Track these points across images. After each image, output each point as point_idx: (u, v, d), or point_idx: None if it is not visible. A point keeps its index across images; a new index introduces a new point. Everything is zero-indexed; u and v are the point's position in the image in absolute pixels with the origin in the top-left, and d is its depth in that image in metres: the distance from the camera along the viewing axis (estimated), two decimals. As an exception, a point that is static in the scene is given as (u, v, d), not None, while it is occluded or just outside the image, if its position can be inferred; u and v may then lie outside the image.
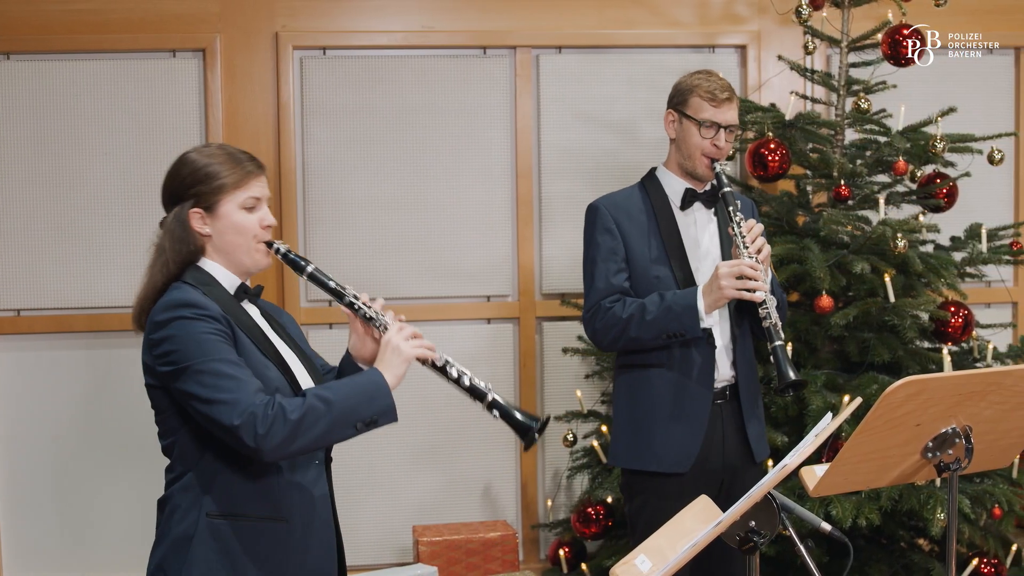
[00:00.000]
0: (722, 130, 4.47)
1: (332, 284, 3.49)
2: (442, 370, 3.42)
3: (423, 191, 6.27)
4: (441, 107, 6.28)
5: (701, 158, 4.48)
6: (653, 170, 4.67)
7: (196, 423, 3.25)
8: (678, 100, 4.55)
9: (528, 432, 3.37)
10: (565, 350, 6.18)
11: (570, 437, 6.01)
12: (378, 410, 3.28)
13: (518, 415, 3.38)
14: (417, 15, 6.28)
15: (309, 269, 3.48)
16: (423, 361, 3.43)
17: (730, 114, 4.49)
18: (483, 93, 6.31)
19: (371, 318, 3.49)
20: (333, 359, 3.74)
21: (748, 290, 4.26)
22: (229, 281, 3.41)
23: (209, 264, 3.40)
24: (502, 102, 6.33)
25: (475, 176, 6.32)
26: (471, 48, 6.32)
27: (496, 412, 3.39)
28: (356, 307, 3.50)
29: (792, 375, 4.23)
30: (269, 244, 3.43)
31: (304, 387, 3.39)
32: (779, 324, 4.30)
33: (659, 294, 4.40)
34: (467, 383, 3.40)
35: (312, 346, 3.78)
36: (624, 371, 4.59)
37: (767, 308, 4.28)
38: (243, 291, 3.43)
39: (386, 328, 3.45)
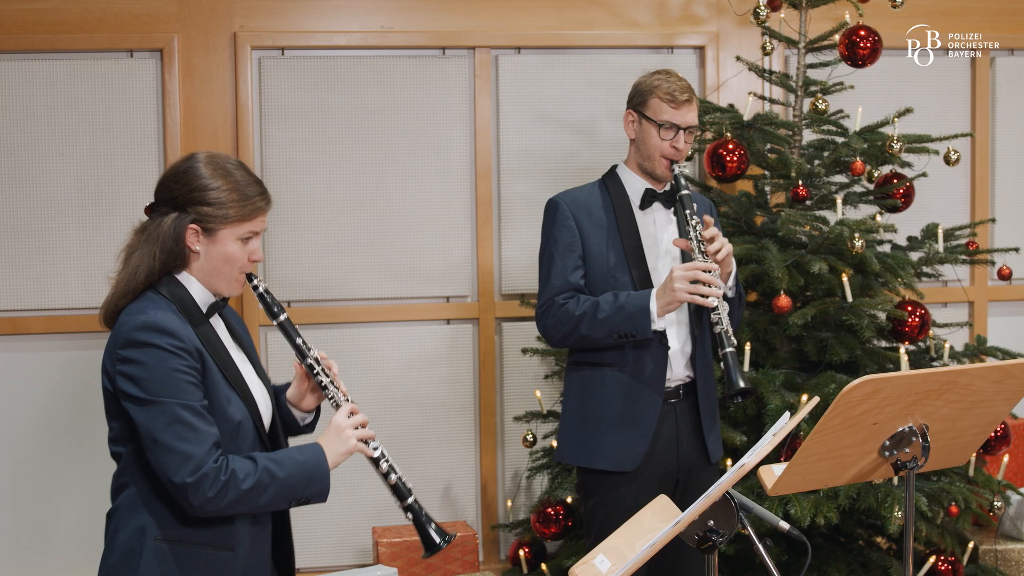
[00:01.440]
0: (681, 131, 4.47)
1: (298, 341, 3.50)
2: (375, 462, 3.45)
3: (382, 192, 6.26)
4: (400, 107, 6.27)
5: (660, 159, 4.49)
6: (614, 168, 4.67)
7: (144, 448, 3.24)
8: (637, 101, 4.55)
9: (432, 547, 3.45)
10: (524, 350, 6.18)
11: (529, 438, 6.01)
12: (315, 491, 3.34)
13: (429, 528, 3.45)
14: (375, 15, 6.27)
15: (281, 318, 3.49)
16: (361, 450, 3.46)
17: (689, 115, 4.50)
18: (442, 93, 6.30)
19: (325, 387, 3.50)
20: (284, 365, 3.72)
21: (701, 295, 4.28)
22: (203, 298, 3.39)
23: (187, 278, 3.38)
24: (461, 102, 6.33)
25: (434, 177, 6.31)
26: (430, 48, 6.32)
27: (409, 516, 3.45)
28: (315, 371, 3.51)
29: (741, 383, 4.25)
30: (249, 277, 3.43)
31: (262, 410, 3.42)
32: (730, 331, 4.31)
33: (613, 293, 4.40)
34: (392, 480, 3.44)
35: (268, 353, 3.77)
36: (576, 368, 4.60)
37: (719, 314, 4.29)
38: (213, 308, 3.42)
39: (337, 406, 3.48)
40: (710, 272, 4.28)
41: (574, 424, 4.58)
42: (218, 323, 3.46)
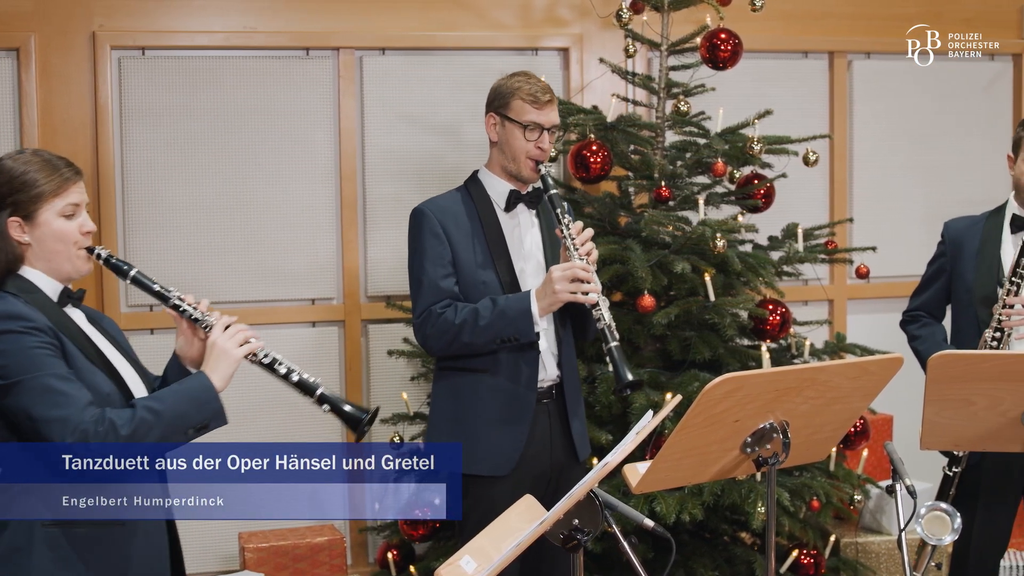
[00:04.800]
0: (545, 132, 4.49)
1: (156, 287, 3.49)
2: (270, 367, 3.45)
3: (246, 193, 6.20)
4: (264, 109, 6.21)
5: (526, 161, 4.50)
6: (476, 173, 4.67)
7: (23, 432, 3.21)
8: (499, 103, 4.55)
9: (358, 423, 3.45)
10: (391, 352, 6.16)
11: (397, 439, 5.99)
12: (208, 415, 3.32)
13: (347, 407, 3.46)
14: (239, 15, 6.20)
15: (132, 273, 3.48)
16: (251, 358, 3.44)
17: (552, 115, 4.52)
18: (306, 95, 6.26)
19: (197, 319, 3.49)
20: (154, 365, 3.69)
21: (582, 292, 4.30)
22: (51, 288, 3.38)
23: (30, 272, 3.36)
24: (325, 104, 6.29)
25: (299, 178, 6.26)
26: (294, 49, 6.27)
27: (326, 406, 3.45)
28: (182, 309, 3.50)
29: (630, 375, 4.27)
30: (90, 250, 3.41)
31: (134, 391, 3.39)
32: (613, 325, 4.33)
33: (491, 299, 4.40)
34: (295, 379, 3.45)
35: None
36: (446, 374, 4.58)
37: (600, 310, 4.32)
38: (67, 296, 3.40)
39: (211, 329, 3.45)
40: (587, 271, 4.31)
41: (446, 429, 4.56)
42: (76, 313, 3.44)
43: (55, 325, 3.27)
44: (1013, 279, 4.77)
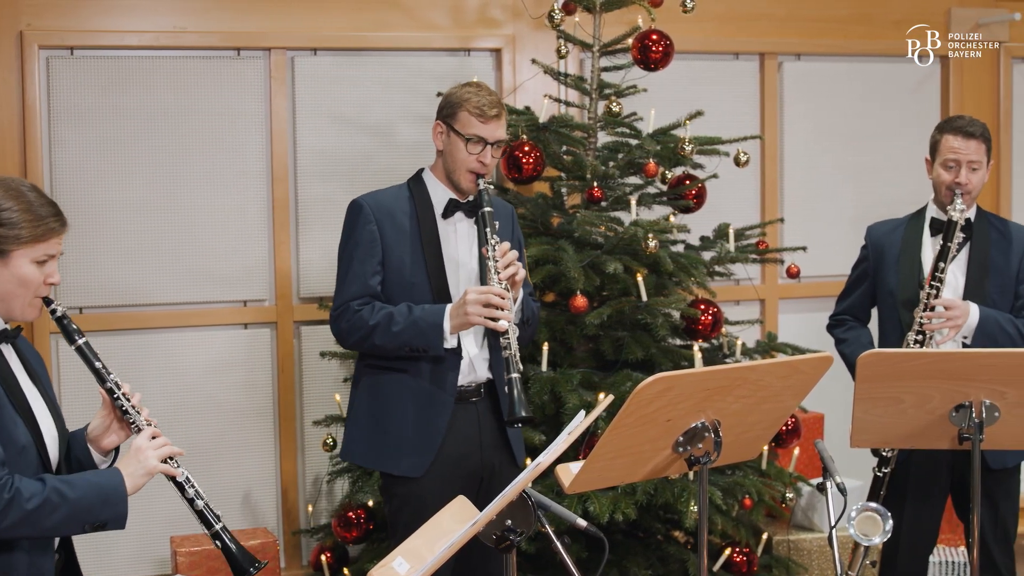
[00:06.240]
0: (489, 146, 4.48)
1: (97, 365, 3.44)
2: (180, 487, 3.42)
3: (177, 195, 6.15)
4: (195, 109, 6.16)
5: (466, 173, 4.49)
6: (421, 172, 4.66)
7: None
8: (447, 112, 4.54)
9: (242, 572, 3.43)
10: (323, 354, 6.14)
11: (330, 441, 5.98)
12: (111, 515, 3.26)
13: (238, 554, 3.44)
14: (169, 15, 6.15)
15: (80, 342, 3.43)
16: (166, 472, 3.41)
17: (498, 131, 4.51)
18: (237, 95, 6.22)
19: (127, 412, 3.43)
20: (78, 402, 3.63)
21: (493, 319, 4.32)
22: None
23: None
24: (257, 104, 6.25)
25: (230, 180, 6.22)
26: (224, 49, 6.22)
27: (218, 543, 3.44)
28: (115, 396, 3.44)
29: (522, 412, 4.30)
30: (47, 301, 3.34)
31: (48, 442, 3.31)
32: (517, 356, 4.35)
33: (408, 306, 4.41)
34: (199, 506, 3.42)
35: (61, 387, 3.69)
36: (367, 371, 4.60)
37: (508, 339, 4.34)
38: (3, 335, 3.32)
39: (139, 429, 3.42)
40: (503, 297, 4.32)
41: (364, 425, 4.58)
42: (9, 352, 3.35)
43: None
44: (932, 283, 4.83)
